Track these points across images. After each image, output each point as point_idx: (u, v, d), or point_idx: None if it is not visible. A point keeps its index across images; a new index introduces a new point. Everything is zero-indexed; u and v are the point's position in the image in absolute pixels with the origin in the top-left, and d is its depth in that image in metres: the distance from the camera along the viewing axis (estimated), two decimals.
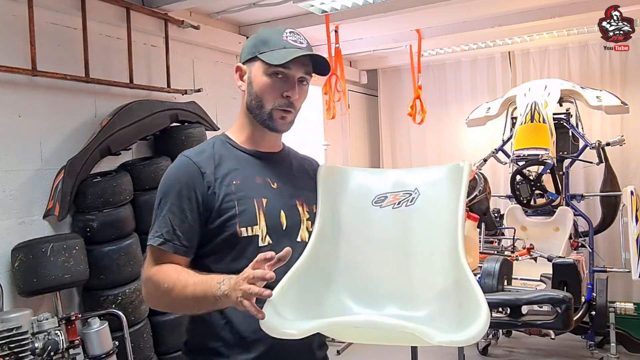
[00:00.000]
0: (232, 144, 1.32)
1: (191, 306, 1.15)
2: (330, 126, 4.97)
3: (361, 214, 1.34)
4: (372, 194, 1.37)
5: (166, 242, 1.20)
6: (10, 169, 2.37)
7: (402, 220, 1.32)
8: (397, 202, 1.34)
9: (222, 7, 3.40)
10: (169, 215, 1.21)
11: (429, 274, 1.25)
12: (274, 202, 1.27)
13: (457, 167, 1.34)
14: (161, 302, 1.22)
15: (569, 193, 4.01)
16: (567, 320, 2.16)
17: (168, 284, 1.15)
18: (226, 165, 1.27)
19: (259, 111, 1.28)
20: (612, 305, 3.52)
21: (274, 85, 1.25)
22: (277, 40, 1.26)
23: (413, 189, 1.35)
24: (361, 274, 1.28)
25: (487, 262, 2.65)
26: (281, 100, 1.26)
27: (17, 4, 2.36)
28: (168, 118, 2.88)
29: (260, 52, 1.26)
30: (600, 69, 4.67)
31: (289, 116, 1.29)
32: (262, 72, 1.26)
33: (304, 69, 1.27)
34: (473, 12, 3.75)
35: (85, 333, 2.33)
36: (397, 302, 1.24)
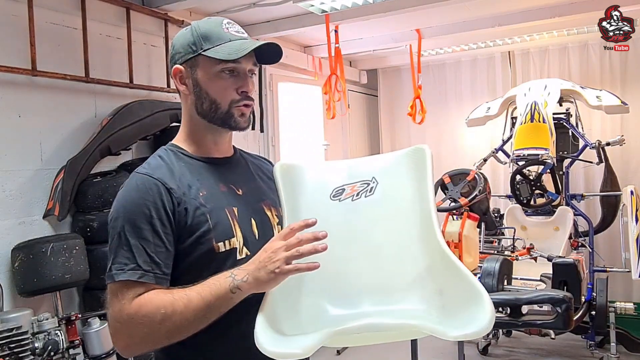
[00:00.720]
0: (184, 154, 1.20)
1: (201, 318, 1.01)
2: (330, 126, 4.97)
3: (321, 210, 1.25)
4: (329, 188, 1.29)
5: (146, 273, 1.04)
6: (10, 169, 2.37)
7: (363, 212, 1.25)
8: (356, 194, 1.27)
9: (222, 7, 3.40)
10: (140, 242, 1.06)
11: (398, 264, 1.20)
12: (244, 209, 1.18)
13: (418, 150, 1.28)
14: (158, 334, 1.02)
15: (569, 193, 4.01)
16: (567, 320, 2.17)
17: (166, 309, 1.00)
18: (187, 177, 1.15)
19: (215, 113, 1.16)
20: (612, 305, 3.52)
21: (226, 83, 1.15)
22: (218, 33, 1.15)
23: (370, 178, 1.29)
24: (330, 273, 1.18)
25: (487, 262, 2.65)
26: (237, 97, 1.16)
27: (17, 4, 2.36)
28: (168, 118, 2.88)
29: (204, 49, 1.14)
30: (600, 68, 4.67)
31: (247, 111, 1.19)
32: (210, 70, 1.14)
33: (252, 60, 1.17)
34: (473, 12, 3.75)
35: (86, 333, 2.33)
36: (372, 297, 1.19)
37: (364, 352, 4.14)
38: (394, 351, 3.96)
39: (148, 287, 1.05)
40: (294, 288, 1.16)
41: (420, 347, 3.04)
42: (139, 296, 1.04)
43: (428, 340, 1.20)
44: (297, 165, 1.35)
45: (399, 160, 1.30)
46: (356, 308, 1.18)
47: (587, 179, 4.65)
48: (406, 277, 1.18)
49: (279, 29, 3.74)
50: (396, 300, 1.17)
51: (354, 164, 1.34)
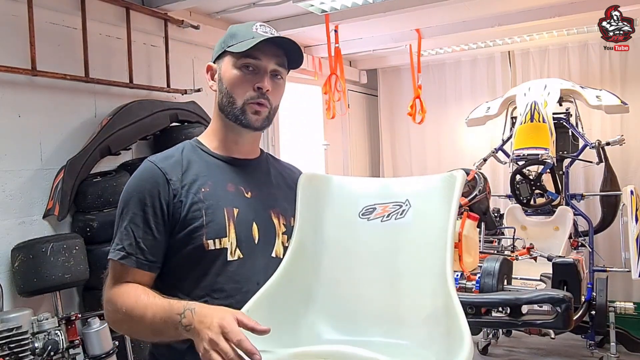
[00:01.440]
0: (203, 149, 1.22)
1: (151, 335, 1.07)
2: (330, 126, 4.97)
3: (346, 227, 1.21)
4: (359, 205, 1.23)
5: (128, 256, 1.09)
6: (10, 169, 2.37)
7: (390, 236, 1.18)
8: (387, 215, 1.20)
9: (222, 6, 3.40)
10: (130, 226, 1.10)
11: (417, 296, 1.12)
12: (246, 212, 1.16)
13: (451, 177, 1.19)
14: (122, 327, 1.13)
15: (568, 192, 4.01)
16: (567, 320, 2.16)
17: (127, 309, 1.05)
18: (194, 171, 1.16)
19: (231, 108, 1.18)
20: (612, 304, 3.52)
21: (244, 78, 1.16)
22: (245, 32, 1.18)
23: (404, 200, 1.21)
24: (343, 294, 1.15)
25: (487, 262, 2.65)
26: (252, 93, 1.16)
27: (17, 4, 2.36)
28: (168, 118, 2.88)
29: (229, 45, 1.18)
30: (600, 68, 4.67)
31: (262, 110, 1.18)
32: (231, 65, 1.17)
33: (275, 60, 1.18)
34: (473, 12, 3.74)
35: (85, 333, 2.33)
36: (382, 326, 1.12)
37: None
38: None
39: (131, 271, 1.11)
40: (297, 302, 1.12)
41: None
42: (118, 285, 1.11)
43: None
44: (325, 177, 1.30)
45: (434, 185, 1.22)
46: (359, 335, 1.12)
47: (587, 178, 4.65)
48: (422, 311, 1.11)
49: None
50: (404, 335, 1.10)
51: (388, 183, 1.28)
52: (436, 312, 1.07)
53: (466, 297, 2.52)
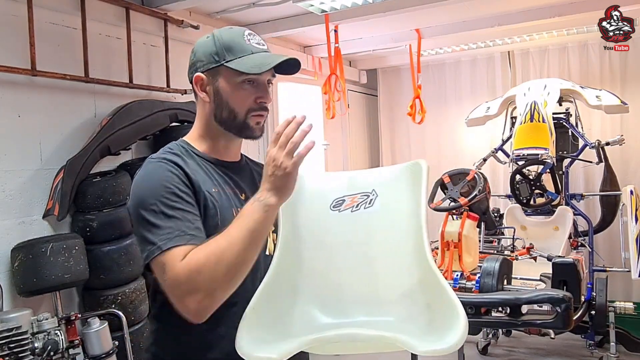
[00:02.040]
0: (196, 153, 1.23)
1: (249, 246, 1.03)
2: (330, 126, 4.98)
3: (320, 220, 1.29)
4: (329, 199, 1.31)
5: (193, 237, 1.06)
6: (10, 169, 2.37)
7: (361, 224, 1.27)
8: (356, 205, 1.29)
9: (222, 6, 3.40)
10: (176, 212, 1.07)
11: (393, 276, 1.22)
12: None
13: (416, 165, 1.29)
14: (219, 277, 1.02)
15: (568, 192, 4.01)
16: (566, 320, 2.17)
17: (214, 251, 1.01)
18: (200, 172, 1.19)
19: (233, 122, 1.21)
20: (611, 304, 3.52)
21: (247, 94, 1.19)
22: (240, 44, 1.19)
23: (370, 190, 1.30)
24: (326, 282, 1.23)
25: (487, 262, 2.65)
26: (255, 106, 1.20)
27: (16, 4, 2.36)
28: (168, 118, 2.88)
29: (227, 60, 1.18)
30: (600, 68, 4.67)
31: (262, 120, 1.23)
32: (231, 81, 1.18)
33: (270, 72, 1.21)
34: (472, 12, 3.75)
35: (85, 333, 2.33)
36: (364, 307, 1.21)
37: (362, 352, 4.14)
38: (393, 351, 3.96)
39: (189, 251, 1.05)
40: (288, 295, 1.18)
41: None
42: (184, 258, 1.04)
43: None
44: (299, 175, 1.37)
45: (399, 174, 1.32)
46: (347, 317, 1.19)
47: (586, 178, 4.65)
48: (398, 289, 1.20)
49: (278, 29, 3.74)
50: (386, 312, 1.18)
51: (355, 176, 1.36)
52: (412, 288, 1.17)
53: (466, 297, 2.53)
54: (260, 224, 1.03)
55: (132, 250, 2.57)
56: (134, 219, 1.11)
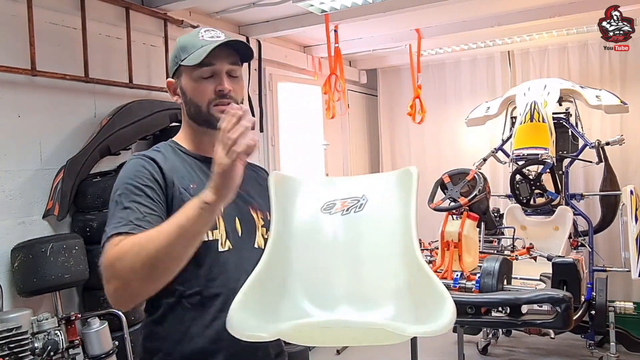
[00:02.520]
0: (182, 150, 1.30)
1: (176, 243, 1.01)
2: (330, 126, 4.97)
3: (311, 221, 1.33)
4: (320, 201, 1.36)
5: (137, 226, 1.07)
6: (10, 169, 2.37)
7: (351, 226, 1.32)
8: (346, 209, 1.34)
9: (222, 6, 3.40)
10: (133, 205, 1.11)
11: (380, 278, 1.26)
12: (230, 208, 1.20)
13: (406, 172, 1.33)
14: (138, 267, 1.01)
15: (568, 192, 4.01)
16: (566, 320, 2.17)
17: (140, 240, 1.02)
18: (180, 170, 1.23)
19: (198, 115, 1.25)
20: (611, 304, 3.52)
21: (204, 86, 1.23)
22: (193, 42, 1.24)
23: (361, 196, 1.36)
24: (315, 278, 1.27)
25: (487, 262, 2.65)
26: (214, 96, 1.23)
27: (16, 4, 2.36)
28: (167, 118, 2.88)
29: (182, 59, 1.24)
30: (600, 68, 4.67)
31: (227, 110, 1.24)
32: (188, 77, 1.24)
33: (227, 60, 1.24)
34: (472, 12, 3.75)
35: (85, 333, 2.33)
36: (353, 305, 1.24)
37: (363, 352, 4.14)
38: (393, 351, 3.96)
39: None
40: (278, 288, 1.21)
41: (419, 347, 3.04)
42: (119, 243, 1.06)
43: (428, 340, 1.22)
44: (291, 177, 1.41)
45: (389, 181, 1.37)
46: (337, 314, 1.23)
47: (586, 178, 4.65)
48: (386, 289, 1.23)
49: (278, 29, 3.74)
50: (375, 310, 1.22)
51: (347, 181, 1.42)
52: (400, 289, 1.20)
53: (466, 296, 2.53)
54: (192, 221, 1.00)
55: None
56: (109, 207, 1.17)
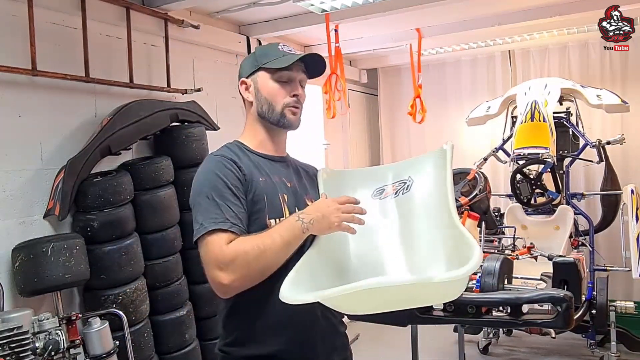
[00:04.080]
0: (247, 149, 1.47)
1: (283, 254, 1.27)
2: (331, 125, 4.97)
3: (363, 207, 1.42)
4: (370, 189, 1.51)
5: (234, 225, 1.28)
6: (11, 169, 2.36)
7: (402, 207, 1.45)
8: (395, 192, 1.49)
9: (222, 6, 3.40)
10: (225, 202, 1.29)
11: (433, 247, 1.38)
12: (292, 198, 1.44)
13: (441, 150, 1.47)
14: (255, 268, 1.25)
15: (569, 192, 4.02)
16: (567, 319, 2.16)
17: (259, 247, 1.24)
18: (250, 165, 1.41)
19: (272, 114, 1.45)
20: (612, 304, 3.52)
21: (281, 88, 1.44)
22: (274, 51, 1.46)
23: (407, 178, 1.50)
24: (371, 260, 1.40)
25: (488, 261, 2.64)
26: (289, 99, 1.44)
27: (17, 4, 2.36)
28: (168, 118, 2.88)
29: (263, 63, 1.44)
30: (601, 67, 4.67)
31: (298, 112, 1.47)
32: (268, 79, 1.44)
33: (302, 72, 1.47)
34: (473, 11, 3.75)
35: (86, 333, 2.33)
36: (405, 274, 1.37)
37: (364, 351, 4.14)
38: (394, 351, 3.96)
39: (231, 239, 1.27)
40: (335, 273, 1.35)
41: (420, 346, 3.04)
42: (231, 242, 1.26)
43: (429, 340, 1.23)
44: (340, 170, 1.61)
45: (428, 160, 1.51)
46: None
47: (587, 178, 4.65)
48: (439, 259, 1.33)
49: (278, 29, 3.74)
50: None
51: (391, 167, 1.57)
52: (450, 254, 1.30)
53: (467, 296, 2.52)
54: (296, 240, 1.28)
55: (133, 250, 2.57)
56: (192, 205, 1.35)
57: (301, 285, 1.19)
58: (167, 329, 2.78)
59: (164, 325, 2.77)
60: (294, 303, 1.12)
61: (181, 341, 2.83)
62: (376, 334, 4.31)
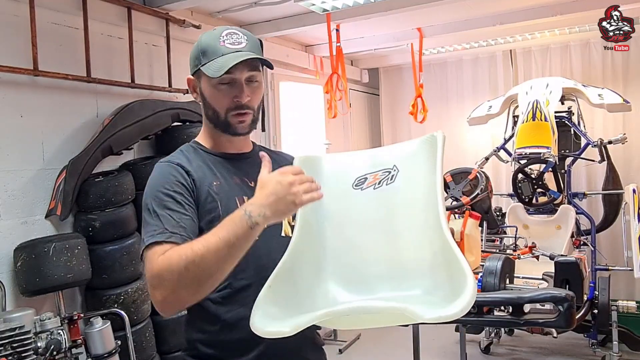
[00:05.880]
0: (203, 150, 1.33)
1: (223, 258, 1.05)
2: (332, 125, 4.97)
3: (342, 199, 1.30)
4: (351, 177, 1.33)
5: (173, 234, 1.11)
6: (13, 169, 2.37)
7: (384, 200, 1.29)
8: (378, 182, 1.31)
9: (223, 6, 3.40)
10: (166, 212, 1.15)
11: (417, 250, 1.22)
12: None
13: (432, 138, 1.28)
14: (186, 280, 1.05)
15: (570, 191, 4.01)
16: (569, 319, 2.16)
17: (187, 254, 1.04)
18: (203, 169, 1.26)
19: (217, 120, 1.28)
20: (614, 303, 3.51)
21: (222, 94, 1.24)
22: (214, 47, 1.23)
23: (392, 166, 1.32)
24: (350, 259, 1.25)
25: (489, 261, 2.65)
26: (233, 105, 1.24)
27: (18, 4, 2.36)
28: (169, 117, 2.89)
29: (202, 64, 1.24)
30: (602, 67, 4.66)
31: (246, 118, 1.27)
32: (207, 84, 1.25)
33: (248, 68, 1.23)
34: (474, 11, 3.74)
35: (88, 332, 2.34)
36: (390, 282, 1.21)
37: (365, 351, 4.14)
38: (395, 350, 3.96)
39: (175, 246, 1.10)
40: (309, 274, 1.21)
41: (422, 346, 3.04)
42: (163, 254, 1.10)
43: (430, 339, 1.21)
44: (317, 157, 1.39)
45: (417, 148, 1.32)
46: (372, 293, 1.21)
47: (589, 177, 4.64)
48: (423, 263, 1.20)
49: (280, 28, 3.74)
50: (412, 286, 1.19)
51: (375, 153, 1.37)
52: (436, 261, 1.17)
53: None
54: (242, 240, 1.05)
55: (134, 249, 2.57)
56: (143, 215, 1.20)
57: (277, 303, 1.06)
58: (169, 329, 2.78)
59: (165, 324, 2.77)
60: (267, 336, 0.99)
61: (183, 341, 2.83)
62: (377, 334, 4.31)
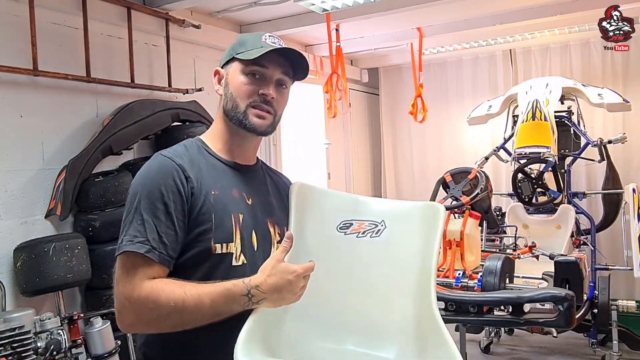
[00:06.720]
0: (208, 151, 1.23)
1: (206, 320, 1.04)
2: (332, 125, 4.97)
3: (324, 239, 1.27)
4: (338, 218, 1.30)
5: (152, 249, 1.05)
6: (12, 169, 2.37)
7: (364, 251, 1.26)
8: (362, 232, 1.28)
9: (223, 6, 3.40)
10: (153, 219, 1.07)
11: (388, 311, 1.21)
12: (248, 219, 1.18)
13: (432, 207, 1.28)
14: (164, 324, 1.05)
15: (570, 191, 4.01)
16: (569, 318, 2.17)
17: (176, 304, 1.01)
18: (204, 172, 1.17)
19: (234, 112, 1.20)
20: (614, 303, 3.51)
21: (249, 84, 1.19)
22: (254, 41, 1.21)
23: (380, 221, 1.29)
24: (321, 302, 1.20)
25: (489, 261, 2.65)
26: (256, 98, 1.19)
27: (18, 4, 2.36)
28: (169, 117, 2.88)
29: (237, 52, 1.21)
30: (602, 66, 4.66)
31: (266, 116, 1.21)
32: (238, 71, 1.20)
33: (281, 69, 1.22)
34: (474, 10, 3.74)
35: (88, 332, 2.33)
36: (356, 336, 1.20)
37: None
38: None
39: (151, 265, 1.05)
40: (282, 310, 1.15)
41: None
42: (151, 280, 1.05)
43: None
44: (314, 188, 1.35)
45: (413, 212, 1.30)
46: (338, 344, 1.18)
47: (589, 177, 4.64)
48: (392, 326, 1.19)
49: (279, 28, 3.73)
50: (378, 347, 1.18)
51: (367, 202, 1.35)
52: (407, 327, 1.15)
53: (468, 295, 2.53)
54: (230, 313, 1.04)
55: None
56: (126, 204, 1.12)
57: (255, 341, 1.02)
58: None
59: None
60: None
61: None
62: None
